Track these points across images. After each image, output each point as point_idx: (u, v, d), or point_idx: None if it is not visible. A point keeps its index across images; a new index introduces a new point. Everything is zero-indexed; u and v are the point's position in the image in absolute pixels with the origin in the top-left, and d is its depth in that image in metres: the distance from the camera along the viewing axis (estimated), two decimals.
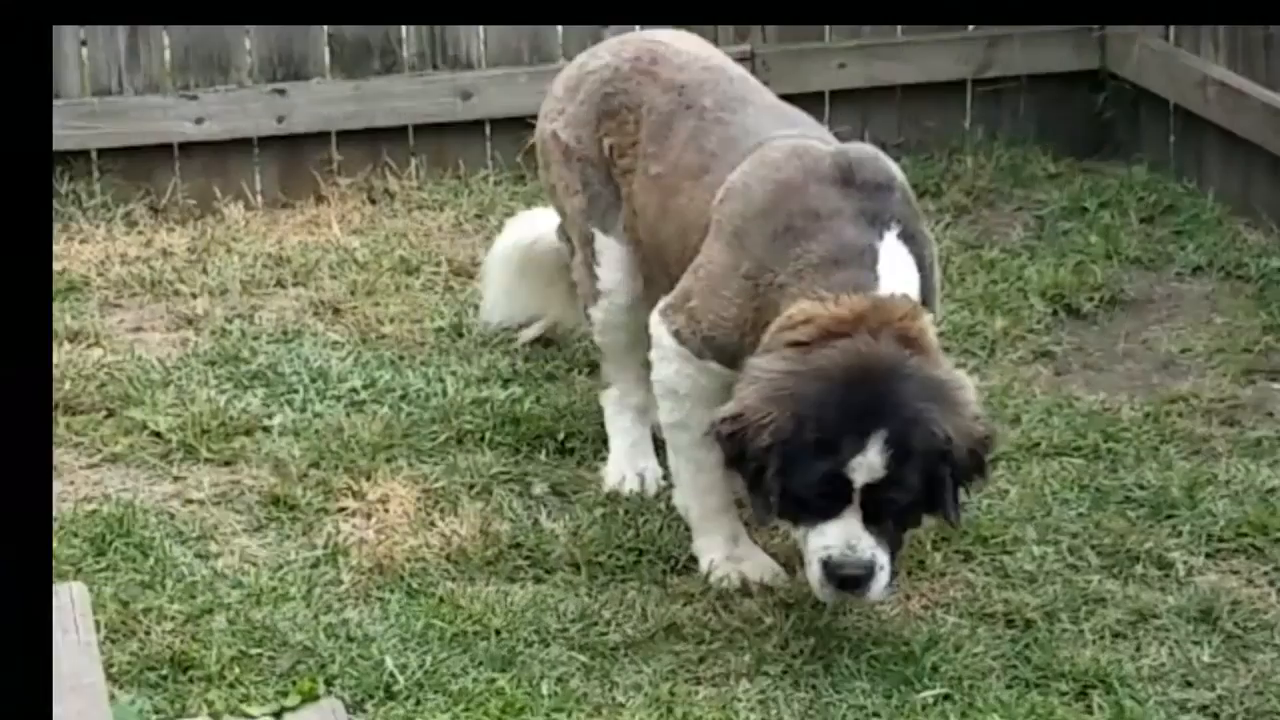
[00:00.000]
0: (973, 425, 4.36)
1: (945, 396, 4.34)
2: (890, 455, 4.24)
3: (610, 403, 5.23)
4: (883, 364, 4.31)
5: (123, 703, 4.16)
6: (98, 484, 5.22)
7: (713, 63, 5.15)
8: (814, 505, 4.30)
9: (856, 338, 4.33)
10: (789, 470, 4.28)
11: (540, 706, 4.27)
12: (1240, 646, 4.54)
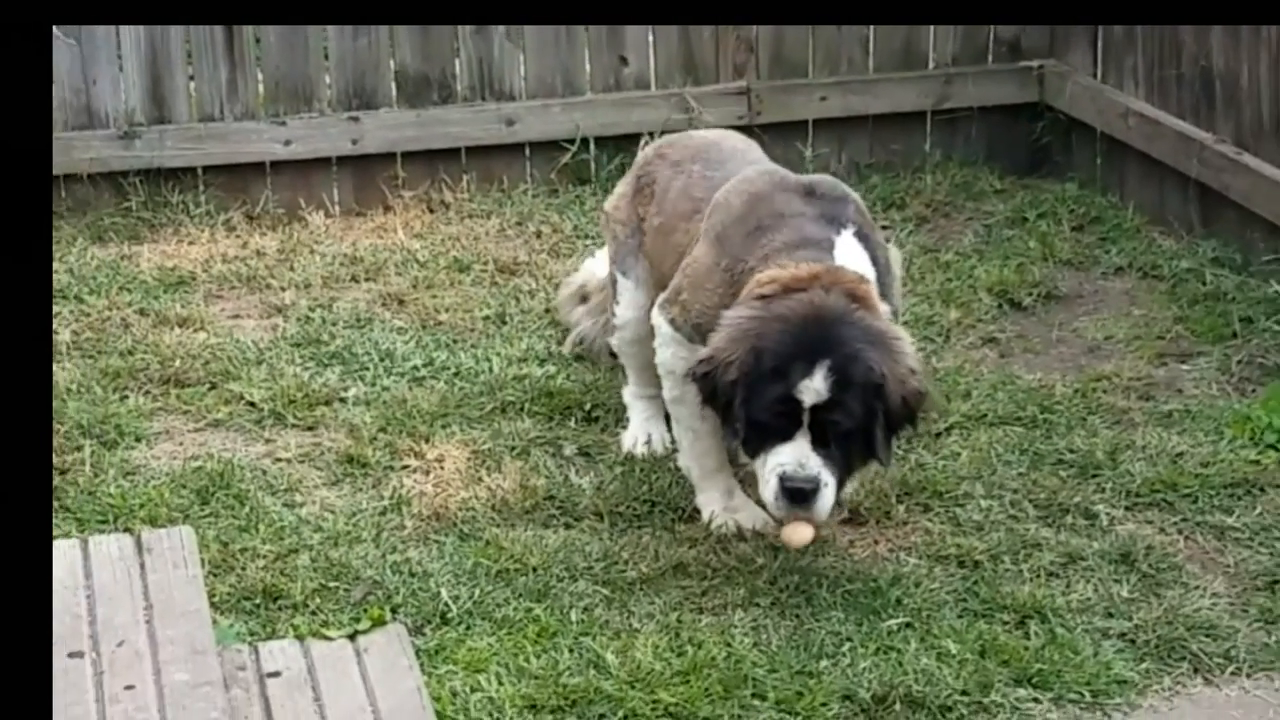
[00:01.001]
0: (907, 375, 4.39)
1: (884, 343, 4.38)
2: (833, 382, 4.28)
3: (628, 392, 5.28)
4: (832, 311, 4.36)
5: (223, 626, 4.20)
6: (202, 445, 5.23)
7: (717, 142, 5.20)
8: (771, 428, 4.34)
9: (811, 291, 4.38)
10: (750, 398, 4.32)
11: (570, 631, 4.31)
12: (1153, 584, 4.55)
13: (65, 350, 5.72)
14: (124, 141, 6.75)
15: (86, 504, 4.84)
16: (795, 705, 4.09)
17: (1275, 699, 4.18)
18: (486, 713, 4.01)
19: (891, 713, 4.08)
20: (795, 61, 7.18)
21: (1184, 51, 6.57)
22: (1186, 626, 4.37)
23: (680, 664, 4.19)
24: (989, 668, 4.20)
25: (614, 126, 7.05)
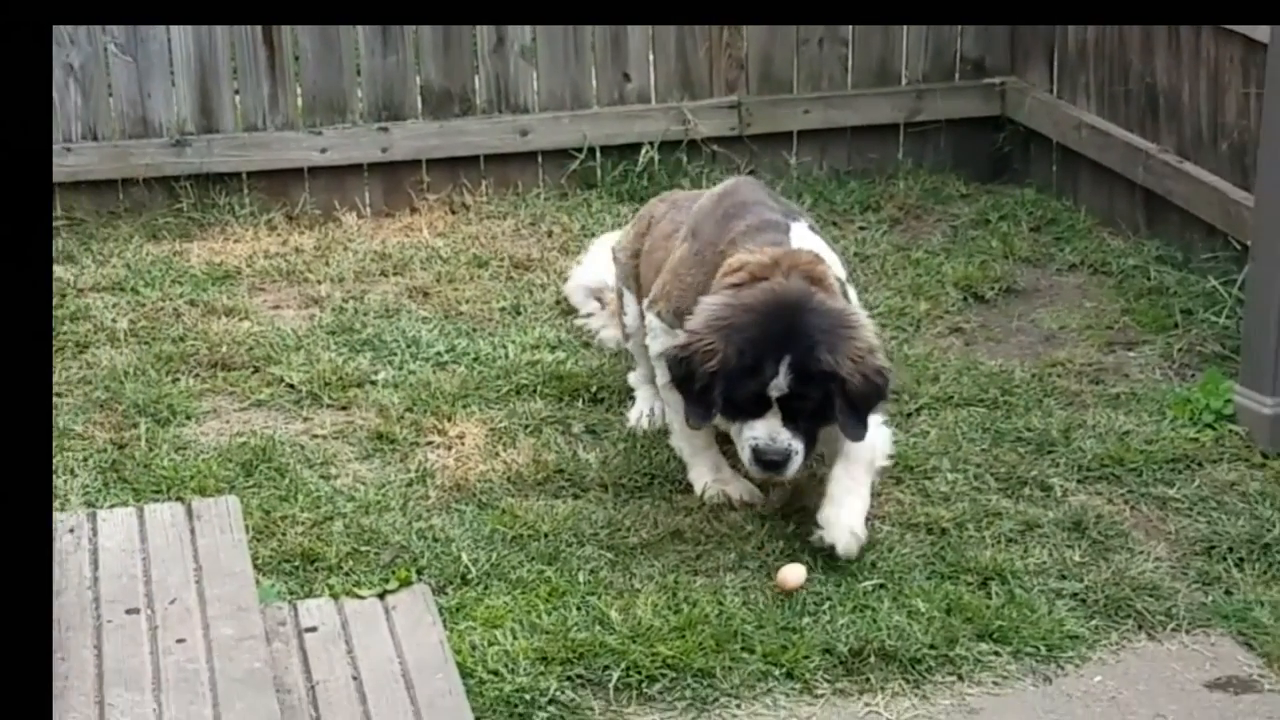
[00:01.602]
0: (865, 354, 4.41)
1: (842, 328, 4.42)
2: (793, 377, 4.33)
3: (633, 377, 5.29)
4: (792, 301, 4.40)
5: (265, 586, 4.20)
6: (246, 422, 5.23)
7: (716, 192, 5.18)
8: (745, 409, 4.40)
9: (774, 279, 4.43)
10: (728, 387, 4.37)
11: (577, 591, 4.32)
12: (1102, 549, 4.56)
13: (122, 337, 5.73)
14: (176, 149, 6.75)
15: (142, 475, 4.85)
16: (780, 658, 4.10)
17: (1212, 653, 4.19)
18: (502, 664, 4.01)
19: (867, 665, 4.09)
20: (781, 78, 7.17)
21: (1131, 70, 6.58)
22: (1132, 587, 4.38)
23: (677, 621, 4.19)
24: (954, 624, 4.21)
25: (617, 136, 7.05)
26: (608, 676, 4.02)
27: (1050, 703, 4.02)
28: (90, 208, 6.71)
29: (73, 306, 5.96)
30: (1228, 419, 5.14)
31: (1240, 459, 4.99)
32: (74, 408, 5.25)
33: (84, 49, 6.63)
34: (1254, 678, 4.10)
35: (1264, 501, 4.75)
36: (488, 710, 3.88)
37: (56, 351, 5.62)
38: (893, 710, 3.98)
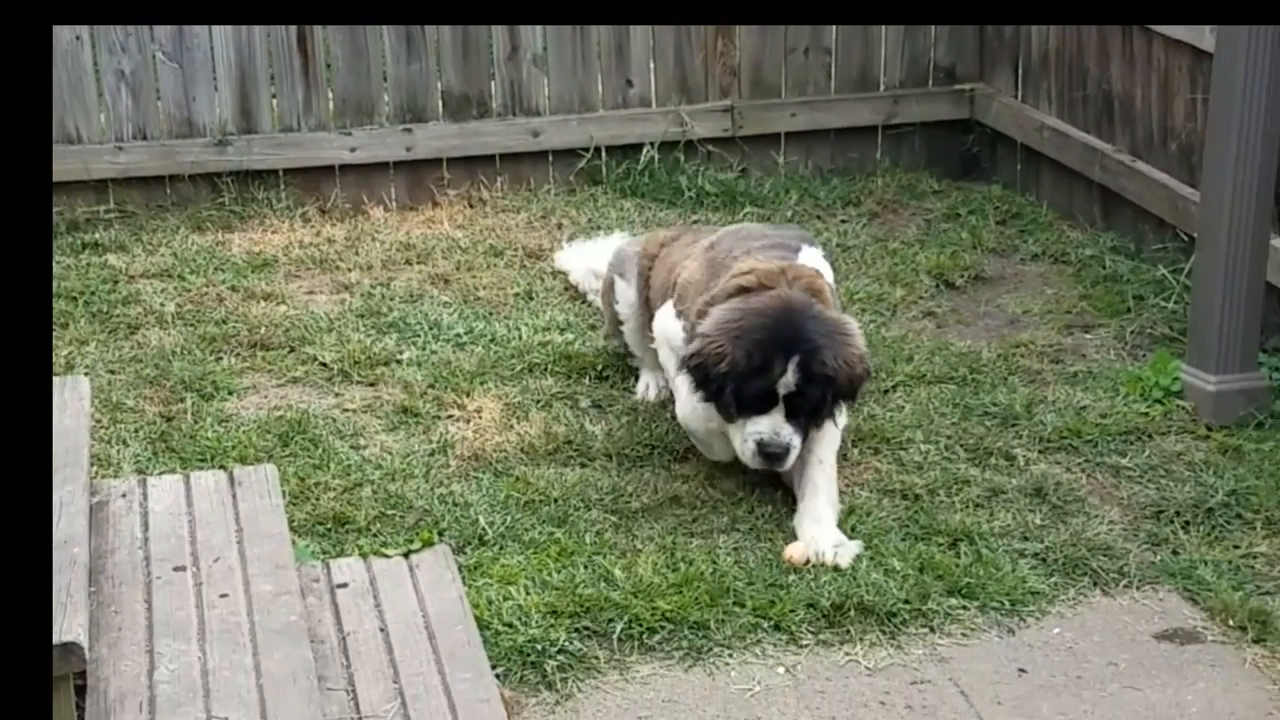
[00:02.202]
0: (855, 361, 4.47)
1: (838, 335, 4.46)
2: (800, 376, 4.36)
3: (635, 360, 5.29)
4: (796, 307, 4.45)
5: (300, 546, 4.21)
6: (283, 398, 5.23)
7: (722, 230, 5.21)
8: (752, 406, 4.40)
9: (779, 288, 4.48)
10: (738, 387, 4.38)
11: (584, 551, 4.32)
12: (1061, 513, 4.57)
13: (170, 320, 5.73)
14: (218, 148, 6.74)
15: (188, 445, 4.86)
16: (768, 611, 4.10)
17: (1160, 607, 4.20)
18: (516, 618, 4.02)
19: (847, 618, 4.10)
20: (770, 84, 7.17)
21: (1089, 77, 6.58)
22: (1088, 548, 4.39)
23: (675, 578, 4.20)
24: (926, 581, 4.22)
25: (621, 137, 7.04)
26: (612, 628, 4.02)
27: (1013, 652, 4.02)
28: (140, 201, 6.71)
29: (125, 291, 5.96)
30: (1175, 395, 5.15)
31: (1187, 431, 5.00)
32: (126, 384, 5.25)
33: (134, 56, 6.62)
34: (1198, 630, 4.11)
35: (1208, 470, 4.75)
36: (503, 659, 3.89)
37: (110, 333, 5.62)
38: (870, 659, 3.98)
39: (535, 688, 3.85)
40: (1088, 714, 3.80)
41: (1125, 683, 3.92)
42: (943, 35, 7.26)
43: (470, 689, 3.57)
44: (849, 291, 5.98)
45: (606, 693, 3.85)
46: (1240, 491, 4.62)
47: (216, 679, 3.15)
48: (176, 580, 3.47)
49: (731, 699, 3.84)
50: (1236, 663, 3.98)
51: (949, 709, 3.82)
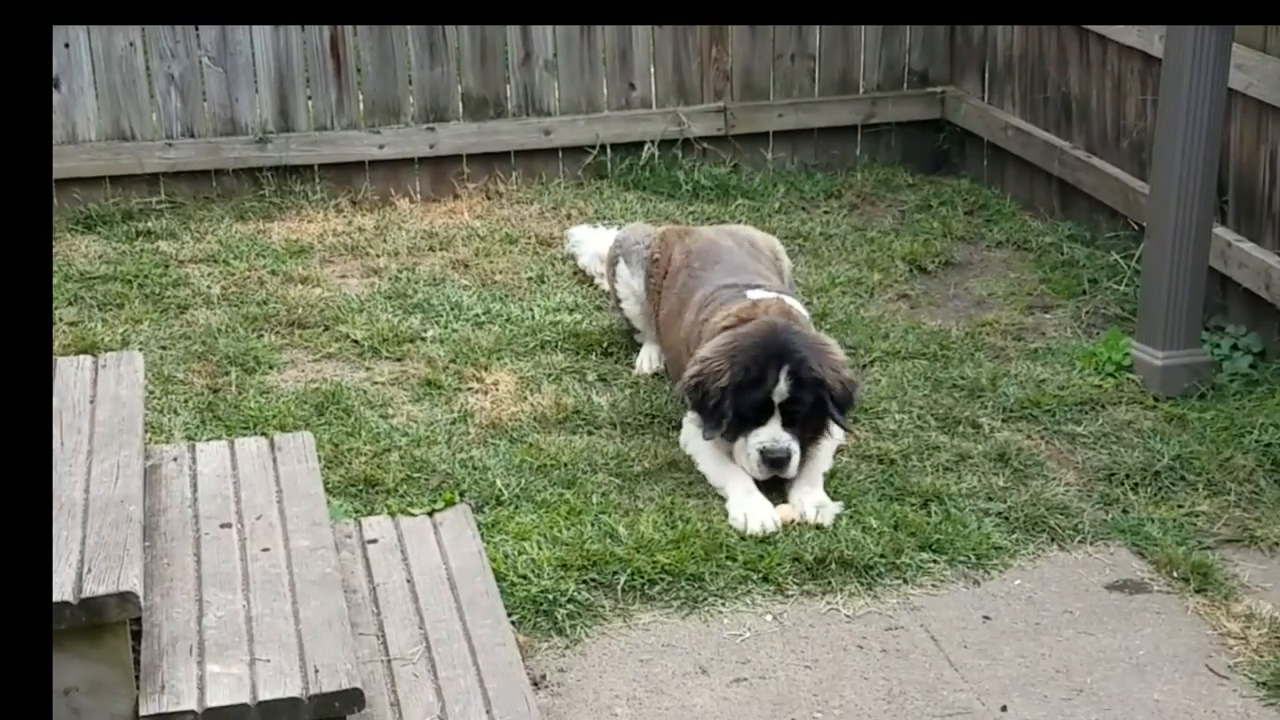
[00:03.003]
0: (840, 367, 4.48)
1: (820, 349, 4.49)
2: (792, 383, 4.36)
3: (639, 336, 5.29)
4: (780, 328, 4.47)
5: (334, 505, 4.21)
6: (319, 371, 5.23)
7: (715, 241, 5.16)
8: (751, 418, 4.39)
9: (762, 318, 4.50)
10: (736, 400, 4.37)
11: (591, 510, 4.33)
12: (1022, 476, 4.58)
13: (216, 301, 5.73)
14: (259, 145, 6.74)
15: (233, 414, 4.86)
16: (757, 565, 4.12)
17: (1111, 561, 4.22)
18: (529, 570, 4.03)
19: (828, 571, 4.11)
20: (760, 88, 7.16)
21: (1049, 80, 6.57)
22: (1046, 507, 4.40)
23: (673, 535, 4.21)
24: (900, 537, 4.23)
25: (624, 135, 7.03)
26: (616, 580, 4.03)
27: (978, 601, 4.04)
28: (189, 193, 6.71)
29: (175, 275, 5.96)
30: (1126, 369, 5.15)
31: (1136, 402, 5.00)
32: (176, 359, 5.26)
33: (182, 61, 6.62)
34: (1145, 581, 4.13)
35: (1155, 437, 4.76)
36: (518, 607, 3.90)
37: (161, 313, 5.63)
38: (850, 607, 3.99)
39: (547, 633, 3.87)
40: (1045, 657, 3.82)
41: (1079, 629, 3.93)
42: (916, 42, 7.25)
43: (488, 634, 3.58)
44: (831, 276, 5.98)
45: (611, 638, 3.87)
46: (1184, 456, 4.63)
47: (259, 625, 3.16)
48: (223, 536, 3.48)
49: (724, 643, 3.86)
50: (1180, 611, 3.99)
51: (920, 652, 3.83)
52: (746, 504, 4.31)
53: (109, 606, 2.88)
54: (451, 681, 3.40)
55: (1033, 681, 3.72)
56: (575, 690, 3.67)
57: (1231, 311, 5.38)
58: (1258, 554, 4.22)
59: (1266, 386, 5.03)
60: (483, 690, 3.38)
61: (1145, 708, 3.63)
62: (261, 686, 2.98)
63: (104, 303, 5.71)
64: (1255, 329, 5.27)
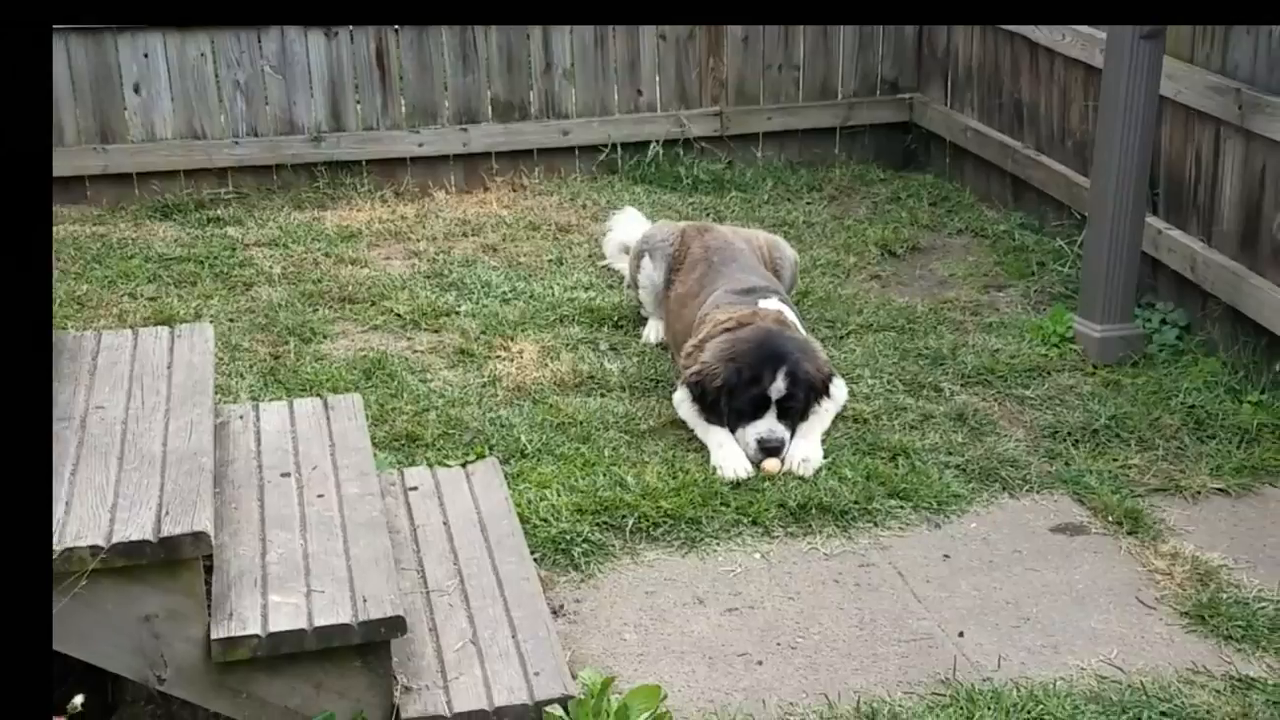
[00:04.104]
0: (822, 366, 4.49)
1: (808, 351, 4.48)
2: (788, 380, 4.36)
3: (645, 312, 5.27)
4: (774, 334, 4.46)
5: (380, 457, 4.20)
6: (366, 341, 5.23)
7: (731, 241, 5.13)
8: (749, 413, 4.38)
9: (758, 324, 4.49)
10: (734, 397, 4.37)
11: (603, 462, 4.33)
12: (978, 433, 4.57)
13: (277, 279, 5.73)
14: (313, 143, 6.73)
15: (291, 378, 4.87)
16: (748, 510, 4.12)
17: (1055, 507, 4.22)
18: (549, 514, 4.04)
19: (809, 515, 4.12)
20: (751, 94, 7.13)
21: (1004, 88, 6.54)
22: (998, 460, 4.40)
23: (675, 484, 4.21)
24: (872, 487, 4.23)
25: (633, 135, 7.01)
26: (625, 523, 4.04)
27: (939, 541, 4.04)
28: (253, 185, 6.70)
29: (240, 257, 5.96)
30: (1069, 340, 5.15)
31: (1077, 369, 5.00)
32: (242, 330, 5.26)
33: (247, 69, 6.60)
34: (1084, 524, 4.13)
35: (1093, 399, 4.76)
36: (539, 546, 3.91)
37: (229, 289, 5.63)
38: (827, 547, 4.00)
39: (565, 569, 3.88)
40: (997, 590, 3.83)
41: (1027, 565, 3.94)
42: (887, 54, 7.22)
43: (514, 569, 3.59)
44: (813, 259, 5.97)
45: (620, 573, 3.88)
46: (1119, 416, 4.63)
47: (315, 561, 3.17)
48: (283, 484, 3.49)
49: (718, 577, 3.87)
50: (1114, 550, 4.00)
51: (889, 586, 3.84)
52: (723, 454, 4.33)
53: (184, 545, 2.88)
54: (482, 610, 3.41)
55: (986, 611, 3.73)
56: (589, 618, 3.69)
57: (1161, 290, 5.37)
58: (1182, 501, 4.23)
59: (1190, 356, 5.03)
60: (509, 618, 3.38)
61: (1083, 634, 3.64)
62: (317, 614, 2.99)
63: (179, 281, 5.71)
64: (1181, 305, 5.26)
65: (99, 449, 3.21)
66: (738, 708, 3.33)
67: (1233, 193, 5.01)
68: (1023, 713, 3.28)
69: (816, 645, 3.58)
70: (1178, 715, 3.28)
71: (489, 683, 3.14)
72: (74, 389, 3.51)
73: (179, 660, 2.93)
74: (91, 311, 5.36)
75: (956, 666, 3.49)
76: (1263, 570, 3.89)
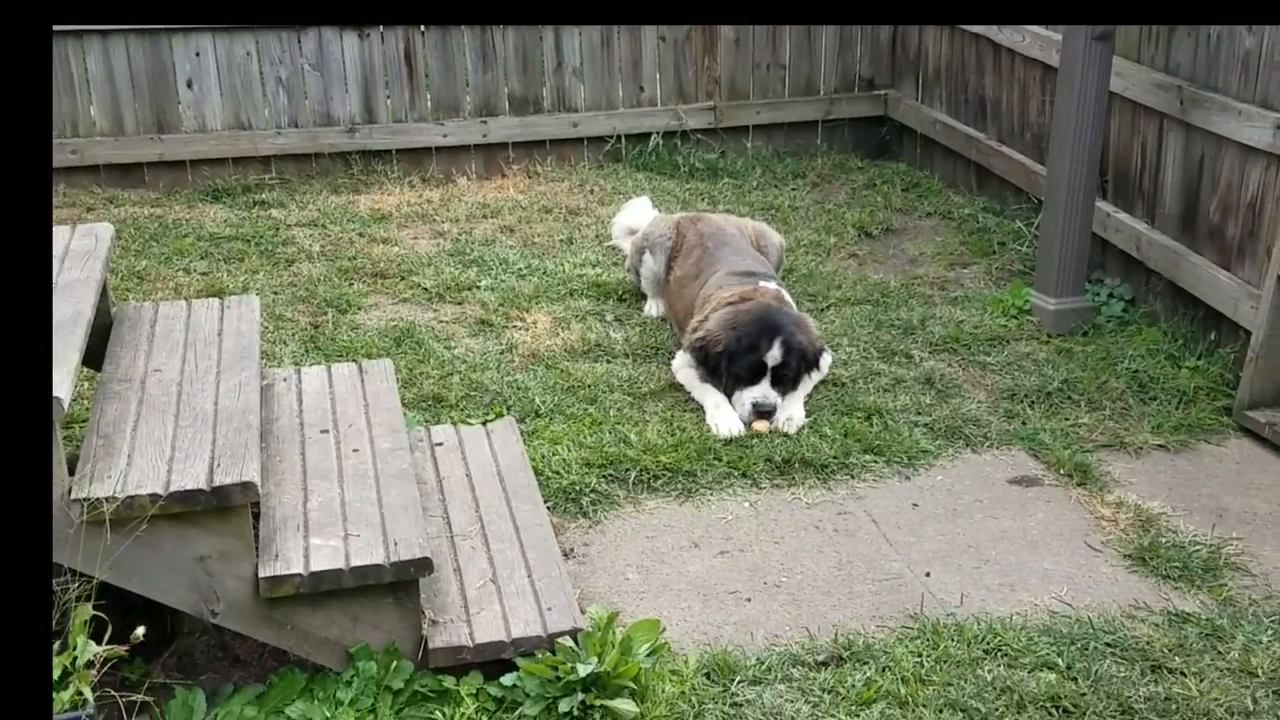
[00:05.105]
0: (815, 339, 4.46)
1: (802, 325, 4.45)
2: (783, 350, 4.33)
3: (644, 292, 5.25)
4: (773, 308, 4.44)
5: (409, 416, 4.22)
6: (396, 312, 5.21)
7: (723, 227, 5.09)
8: (746, 378, 4.35)
9: (758, 300, 4.47)
10: (734, 362, 4.34)
11: (609, 421, 4.33)
12: (944, 396, 4.57)
13: (316, 256, 5.71)
14: (348, 134, 6.70)
15: (329, 345, 4.87)
16: (738, 464, 4.12)
17: (1012, 461, 4.22)
18: (561, 467, 4.04)
19: (793, 469, 4.12)
20: (742, 90, 7.09)
21: (969, 85, 6.50)
22: (962, 420, 4.40)
23: (673, 440, 4.22)
24: (850, 444, 4.23)
25: (635, 128, 6.98)
26: (628, 475, 4.05)
27: (909, 492, 4.05)
28: (294, 172, 6.68)
29: (283, 236, 5.94)
30: (1026, 313, 5.14)
31: (1033, 338, 4.99)
32: (285, 301, 5.25)
33: (289, 66, 6.57)
34: (1038, 477, 4.13)
35: (1048, 365, 4.75)
36: (552, 496, 3.92)
37: (273, 265, 5.62)
38: (809, 497, 4.00)
39: (574, 516, 3.88)
40: (960, 535, 3.83)
41: (987, 514, 3.94)
42: (865, 54, 7.17)
43: (529, 516, 3.60)
44: (797, 239, 5.95)
45: (624, 520, 3.88)
46: (1070, 380, 4.62)
47: (351, 508, 3.18)
48: (322, 439, 3.49)
49: (711, 524, 3.87)
50: (1065, 500, 4.00)
51: (864, 531, 3.84)
52: (718, 415, 4.33)
53: (234, 493, 2.89)
54: (500, 553, 3.42)
55: (950, 554, 3.74)
56: (596, 559, 3.69)
57: (1109, 267, 5.36)
58: (1126, 456, 4.23)
59: (1135, 326, 5.02)
60: (525, 559, 3.39)
61: (1037, 574, 3.64)
62: (353, 555, 3.00)
63: (228, 257, 5.70)
64: (1127, 281, 5.25)
65: (157, 407, 3.21)
66: (729, 639, 3.35)
67: (1174, 180, 4.99)
68: (983, 644, 3.29)
69: (799, 584, 3.59)
70: (1121, 646, 3.29)
71: (507, 617, 3.15)
72: (134, 354, 3.51)
73: (230, 596, 2.93)
74: (150, 285, 5.35)
75: (924, 603, 3.50)
76: (1197, 518, 3.89)
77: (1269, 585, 3.57)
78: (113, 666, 2.91)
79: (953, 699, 3.08)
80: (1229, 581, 3.58)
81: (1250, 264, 4.62)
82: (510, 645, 3.08)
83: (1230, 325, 4.66)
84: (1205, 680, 3.16)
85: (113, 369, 3.41)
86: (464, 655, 3.05)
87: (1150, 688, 3.13)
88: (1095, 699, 3.09)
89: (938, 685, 3.13)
